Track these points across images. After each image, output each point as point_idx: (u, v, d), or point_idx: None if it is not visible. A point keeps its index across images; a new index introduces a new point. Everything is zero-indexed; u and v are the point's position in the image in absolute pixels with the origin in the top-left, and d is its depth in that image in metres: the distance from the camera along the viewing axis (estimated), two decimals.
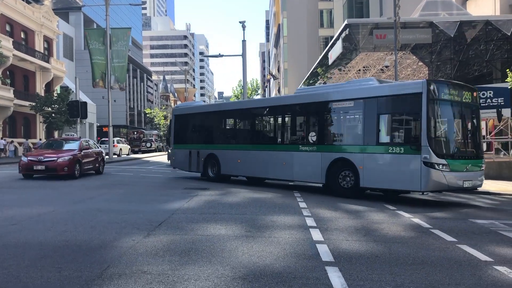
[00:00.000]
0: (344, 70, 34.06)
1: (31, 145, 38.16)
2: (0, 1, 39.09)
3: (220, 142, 16.92)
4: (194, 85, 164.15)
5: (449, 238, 7.24)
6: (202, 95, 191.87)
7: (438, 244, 6.82)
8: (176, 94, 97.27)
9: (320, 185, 14.07)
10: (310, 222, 8.39)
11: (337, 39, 27.96)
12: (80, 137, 25.52)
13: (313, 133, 13.42)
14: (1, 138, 38.32)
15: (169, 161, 20.90)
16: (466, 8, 32.75)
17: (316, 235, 7.24)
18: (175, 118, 19.38)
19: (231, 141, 16.81)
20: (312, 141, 13.36)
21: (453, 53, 26.24)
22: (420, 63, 30.47)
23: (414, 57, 29.50)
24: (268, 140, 15.57)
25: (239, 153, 15.76)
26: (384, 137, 11.44)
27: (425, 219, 9.06)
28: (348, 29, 26.00)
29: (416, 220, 8.93)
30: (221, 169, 16.36)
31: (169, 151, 21.14)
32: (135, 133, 64.33)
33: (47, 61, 47.01)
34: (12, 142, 39.06)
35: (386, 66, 29.50)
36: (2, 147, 37.10)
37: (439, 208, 11.09)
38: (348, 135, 12.86)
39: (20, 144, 41.10)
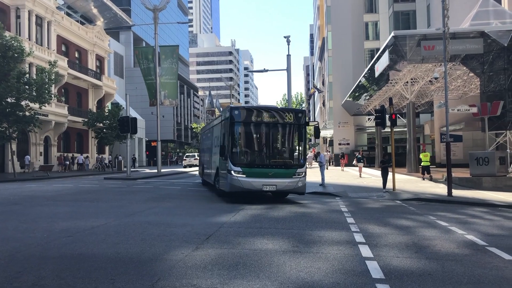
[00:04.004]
0: (391, 83, 33.45)
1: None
2: (57, 23, 41.27)
3: None
4: (239, 100, 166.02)
5: (507, 256, 6.90)
6: None
7: (495, 263, 6.51)
8: (221, 109, 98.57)
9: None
10: (358, 238, 8.24)
11: (384, 51, 27.56)
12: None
13: None
14: (80, 154, 43.29)
15: None
16: None
17: (365, 251, 7.09)
18: None
19: None
20: None
21: (506, 63, 25.20)
22: (471, 74, 29.44)
23: (465, 68, 28.55)
24: None
25: None
26: None
27: (480, 236, 8.69)
28: (395, 40, 25.58)
29: (470, 237, 8.57)
30: None
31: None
32: None
33: (99, 79, 49.06)
34: (87, 157, 44.17)
35: (435, 78, 28.65)
36: (82, 162, 41.91)
37: (494, 224, 10.58)
38: None
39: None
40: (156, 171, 36.03)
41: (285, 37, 28.32)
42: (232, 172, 13.75)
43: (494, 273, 5.93)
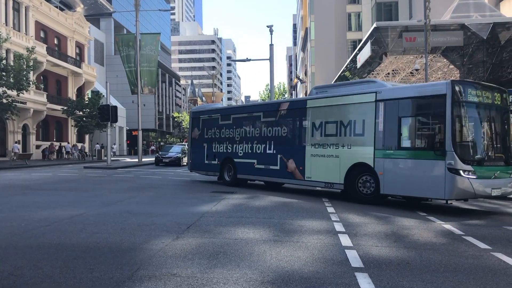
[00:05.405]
0: (373, 74, 33.70)
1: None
2: (35, 9, 40.32)
3: None
4: (221, 90, 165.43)
5: (482, 245, 7.04)
6: (229, 99, 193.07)
7: (471, 252, 6.64)
8: (204, 98, 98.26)
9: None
10: (338, 227, 8.31)
11: (366, 42, 27.70)
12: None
13: None
14: (67, 143, 44.04)
15: None
16: (499, 10, 31.94)
17: (345, 240, 7.15)
18: None
19: None
20: None
21: (485, 56, 25.62)
22: (451, 66, 29.87)
23: (445, 60, 28.94)
24: None
25: None
26: None
27: (457, 225, 8.84)
28: (377, 32, 25.73)
29: (448, 226, 8.72)
30: None
31: None
32: None
33: (79, 66, 48.20)
34: (74, 146, 44.47)
35: (416, 70, 29.00)
36: (69, 150, 42.13)
37: (472, 214, 10.80)
38: None
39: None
40: (137, 160, 35.74)
41: (268, 26, 28.22)
42: (461, 172, 9.93)
43: (470, 262, 6.05)
